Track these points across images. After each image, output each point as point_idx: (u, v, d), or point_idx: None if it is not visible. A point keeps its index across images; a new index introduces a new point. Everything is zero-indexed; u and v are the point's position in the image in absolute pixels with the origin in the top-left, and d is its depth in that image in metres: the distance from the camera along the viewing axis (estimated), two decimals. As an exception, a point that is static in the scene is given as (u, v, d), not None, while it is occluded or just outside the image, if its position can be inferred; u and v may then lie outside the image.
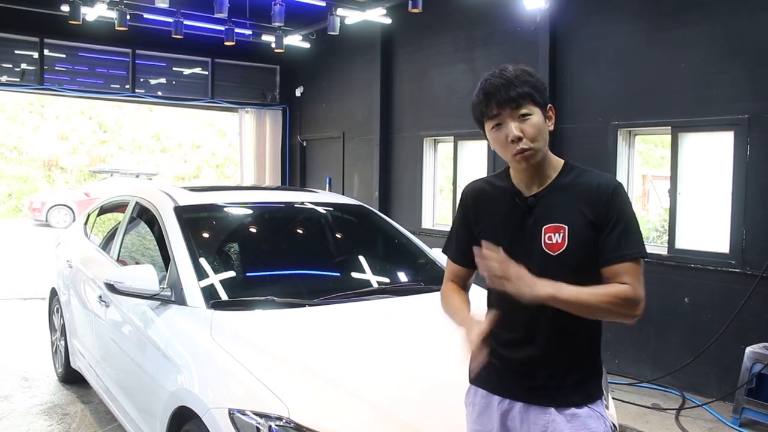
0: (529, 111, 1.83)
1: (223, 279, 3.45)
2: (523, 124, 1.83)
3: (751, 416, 4.59)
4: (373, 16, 7.72)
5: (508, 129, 1.84)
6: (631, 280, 1.79)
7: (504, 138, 1.85)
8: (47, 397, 5.02)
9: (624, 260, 1.81)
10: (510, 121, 1.83)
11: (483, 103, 1.87)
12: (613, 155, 5.82)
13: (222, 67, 10.24)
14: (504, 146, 1.87)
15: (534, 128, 1.83)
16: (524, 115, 1.83)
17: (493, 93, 1.84)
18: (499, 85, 1.84)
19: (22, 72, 8.85)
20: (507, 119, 1.84)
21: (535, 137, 1.83)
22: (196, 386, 2.80)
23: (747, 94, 4.93)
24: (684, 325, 5.32)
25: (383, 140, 8.69)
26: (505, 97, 1.82)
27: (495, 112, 1.85)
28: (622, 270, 1.81)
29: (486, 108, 1.86)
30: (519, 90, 1.82)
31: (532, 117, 1.84)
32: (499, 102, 1.83)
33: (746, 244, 4.93)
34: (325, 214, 4.40)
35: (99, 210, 5.27)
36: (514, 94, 1.82)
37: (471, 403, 2.05)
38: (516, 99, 1.82)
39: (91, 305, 4.28)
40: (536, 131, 1.84)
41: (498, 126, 1.86)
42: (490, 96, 1.85)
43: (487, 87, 1.86)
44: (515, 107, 1.82)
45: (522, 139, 1.82)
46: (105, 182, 21.04)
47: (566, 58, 6.26)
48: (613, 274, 1.83)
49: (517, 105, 1.82)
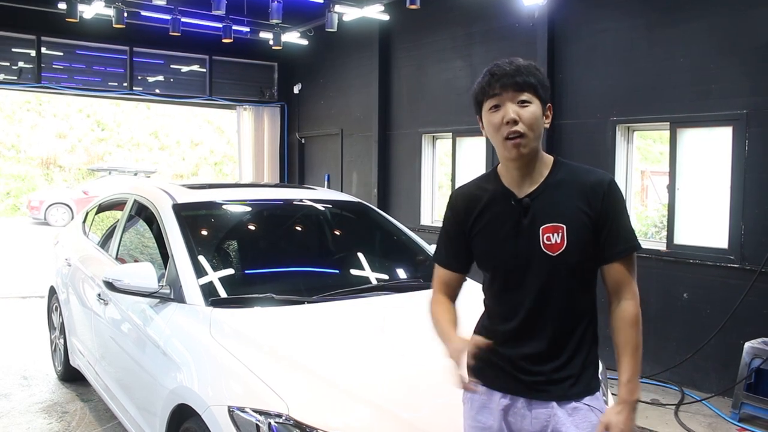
0: (529, 99, 1.85)
1: (222, 276, 3.44)
2: (521, 109, 1.84)
3: (750, 411, 4.60)
4: (371, 12, 7.71)
5: (505, 111, 1.85)
6: (628, 287, 1.89)
7: (499, 119, 1.85)
8: (47, 395, 5.02)
9: (623, 256, 1.88)
10: (509, 103, 1.85)
11: (487, 83, 1.89)
12: (611, 151, 5.82)
13: (220, 65, 10.23)
14: (497, 128, 1.86)
15: (531, 115, 1.84)
16: (524, 101, 1.84)
17: (499, 75, 1.86)
18: (507, 69, 1.86)
19: (19, 70, 8.83)
20: (506, 101, 1.85)
21: (531, 124, 1.84)
22: (196, 384, 2.80)
23: (745, 89, 4.93)
24: (683, 320, 5.33)
25: (382, 137, 8.68)
26: (510, 81, 1.85)
27: (496, 92, 1.86)
28: (620, 269, 1.89)
29: (489, 87, 1.88)
30: (525, 78, 1.85)
31: (532, 105, 1.85)
32: (503, 84, 1.85)
33: (745, 239, 4.93)
34: (323, 211, 4.40)
35: (97, 208, 5.26)
36: (519, 80, 1.84)
37: (469, 400, 2.04)
38: (520, 84, 1.84)
39: (90, 303, 4.27)
40: (533, 119, 1.84)
41: (496, 107, 1.87)
42: (495, 77, 1.87)
43: (494, 69, 1.89)
44: (517, 90, 1.84)
45: (517, 123, 1.83)
46: (103, 180, 20.97)
47: (564, 54, 6.26)
48: (611, 273, 1.90)
49: (520, 89, 1.84)
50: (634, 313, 1.88)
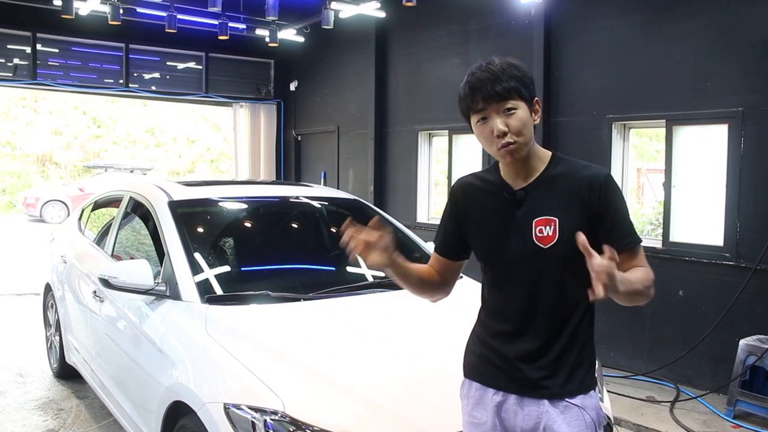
0: (514, 105, 1.83)
1: (218, 273, 3.44)
2: (509, 119, 1.83)
3: (745, 408, 4.62)
4: (367, 9, 7.70)
5: (493, 123, 1.84)
6: (644, 264, 1.86)
7: (489, 132, 1.85)
8: (42, 392, 5.01)
9: (627, 249, 1.85)
10: (495, 115, 1.83)
11: (469, 98, 1.87)
12: (607, 149, 5.83)
13: (216, 62, 10.20)
14: (489, 140, 1.87)
15: (519, 122, 1.83)
16: (509, 110, 1.83)
17: (479, 87, 1.84)
18: (485, 79, 1.83)
19: (14, 67, 8.80)
20: (492, 113, 1.84)
21: (520, 131, 1.83)
22: (192, 381, 2.80)
23: (741, 87, 4.94)
24: (678, 317, 5.34)
25: (378, 134, 8.67)
26: (491, 91, 1.82)
27: (481, 107, 1.85)
28: (627, 259, 1.84)
29: (472, 102, 1.86)
30: (505, 84, 1.82)
31: (518, 111, 1.83)
32: (485, 97, 1.83)
33: (740, 236, 4.95)
34: (319, 208, 4.40)
35: (93, 205, 5.25)
36: (499, 89, 1.82)
37: (465, 396, 2.05)
38: (501, 93, 1.82)
39: (86, 300, 4.27)
40: (521, 125, 1.83)
41: (483, 120, 1.86)
42: (476, 90, 1.85)
43: (473, 81, 1.86)
44: (500, 101, 1.82)
45: (507, 134, 1.83)
46: (99, 177, 20.94)
47: (561, 51, 6.26)
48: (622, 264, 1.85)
49: (503, 99, 1.82)
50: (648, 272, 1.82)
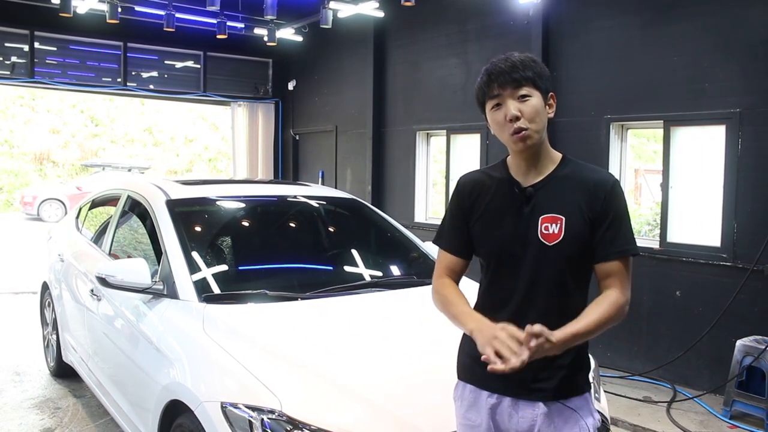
0: (528, 93, 1.87)
1: (216, 272, 3.44)
2: (522, 105, 1.86)
3: (742, 408, 4.63)
4: (365, 9, 7.70)
5: (506, 108, 1.87)
6: (619, 282, 1.87)
7: (502, 117, 1.88)
8: (39, 391, 5.01)
9: (617, 257, 1.87)
10: (509, 100, 1.87)
11: (486, 84, 1.91)
12: (605, 149, 5.83)
13: (214, 61, 10.19)
14: (502, 126, 1.90)
15: (532, 109, 1.86)
16: (524, 96, 1.87)
17: (496, 74, 1.89)
18: (503, 67, 1.88)
19: (12, 65, 8.78)
20: (507, 99, 1.87)
21: (532, 118, 1.86)
22: (189, 380, 2.80)
23: (739, 88, 4.95)
24: (675, 318, 5.35)
25: (376, 134, 8.68)
26: (507, 78, 1.87)
27: (496, 92, 1.89)
28: (614, 268, 1.87)
29: (488, 88, 1.91)
30: (522, 73, 1.87)
31: (532, 99, 1.87)
32: (501, 83, 1.88)
33: (737, 237, 4.95)
34: (317, 207, 4.40)
35: (91, 204, 5.25)
36: (516, 76, 1.86)
37: (459, 398, 2.05)
38: (517, 80, 1.86)
39: (83, 299, 4.26)
40: (534, 112, 1.86)
41: (498, 106, 1.90)
42: (493, 77, 1.89)
43: (491, 69, 1.91)
44: (516, 87, 1.86)
45: (519, 119, 1.85)
46: (97, 176, 20.91)
47: (559, 52, 6.26)
48: (605, 271, 1.89)
49: (518, 85, 1.86)
50: (618, 300, 1.84)
